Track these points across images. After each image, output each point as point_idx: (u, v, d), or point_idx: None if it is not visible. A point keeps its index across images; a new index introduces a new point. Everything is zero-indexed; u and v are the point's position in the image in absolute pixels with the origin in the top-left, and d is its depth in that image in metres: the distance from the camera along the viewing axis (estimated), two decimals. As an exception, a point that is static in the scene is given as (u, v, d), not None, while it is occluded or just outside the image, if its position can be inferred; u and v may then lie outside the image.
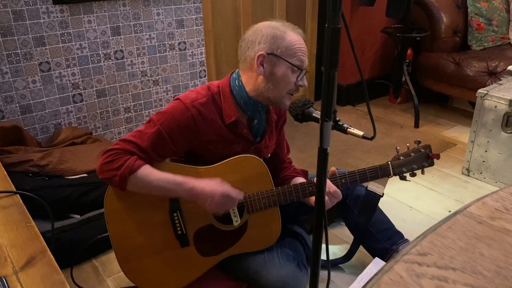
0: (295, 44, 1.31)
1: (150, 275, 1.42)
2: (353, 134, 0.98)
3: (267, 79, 1.32)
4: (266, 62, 1.31)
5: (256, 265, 1.46)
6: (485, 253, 0.67)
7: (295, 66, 1.31)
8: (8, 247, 0.91)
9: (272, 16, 3.05)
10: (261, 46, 1.30)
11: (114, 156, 1.28)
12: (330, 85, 0.81)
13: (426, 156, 1.45)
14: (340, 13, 0.76)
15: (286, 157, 1.67)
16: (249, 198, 1.39)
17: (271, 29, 1.30)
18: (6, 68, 2.01)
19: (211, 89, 1.37)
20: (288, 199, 1.40)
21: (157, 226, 1.39)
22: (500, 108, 2.20)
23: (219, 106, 1.36)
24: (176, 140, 1.32)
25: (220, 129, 1.36)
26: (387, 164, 1.44)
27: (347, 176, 1.42)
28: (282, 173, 1.63)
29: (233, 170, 1.38)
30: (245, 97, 1.36)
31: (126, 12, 2.27)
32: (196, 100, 1.32)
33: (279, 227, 1.46)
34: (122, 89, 2.40)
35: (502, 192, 0.83)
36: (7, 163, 1.79)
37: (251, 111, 1.40)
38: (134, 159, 1.28)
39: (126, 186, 1.29)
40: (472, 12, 3.21)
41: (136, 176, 1.27)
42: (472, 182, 2.36)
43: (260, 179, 1.39)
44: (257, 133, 1.46)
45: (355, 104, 3.47)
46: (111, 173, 1.27)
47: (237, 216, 1.41)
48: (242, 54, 1.35)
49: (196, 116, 1.31)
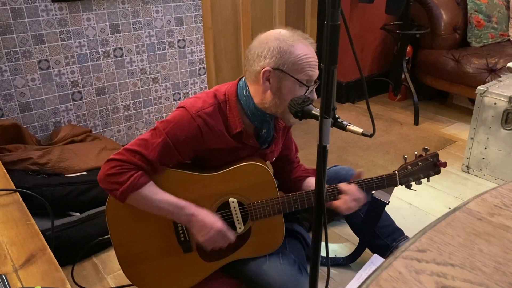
0: (303, 59, 1.25)
1: (152, 279, 1.42)
2: (352, 131, 0.97)
3: (274, 94, 1.28)
4: (272, 78, 1.26)
5: (257, 268, 1.45)
6: (484, 249, 0.67)
7: (302, 83, 1.26)
8: (8, 245, 0.91)
9: (271, 13, 3.04)
10: (267, 61, 1.24)
11: (119, 168, 1.24)
12: (329, 82, 0.81)
13: (433, 165, 1.43)
14: (339, 10, 0.76)
15: (295, 157, 1.65)
16: (254, 205, 1.38)
17: (278, 42, 1.24)
18: (5, 66, 2.00)
19: (218, 97, 1.33)
20: (292, 208, 1.39)
21: (160, 232, 1.38)
22: (500, 105, 2.19)
23: (225, 115, 1.32)
24: (182, 150, 1.29)
25: (225, 138, 1.33)
26: (394, 174, 1.42)
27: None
28: (293, 174, 1.61)
29: (238, 177, 1.36)
30: (252, 108, 1.33)
31: (125, 10, 2.26)
32: (202, 110, 1.28)
33: (282, 234, 1.45)
34: (121, 87, 2.40)
35: (501, 189, 0.83)
36: (6, 161, 1.79)
37: (259, 122, 1.37)
38: (139, 176, 1.25)
39: (126, 200, 1.26)
40: (472, 9, 3.21)
41: (139, 193, 1.25)
42: (471, 179, 2.36)
43: (265, 186, 1.37)
44: (265, 141, 1.44)
45: (354, 101, 3.47)
46: (114, 186, 1.25)
47: (241, 223, 1.40)
48: (249, 66, 1.31)
49: (202, 126, 1.28)
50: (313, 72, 1.28)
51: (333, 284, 1.64)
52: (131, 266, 1.40)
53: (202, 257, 1.42)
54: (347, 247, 1.83)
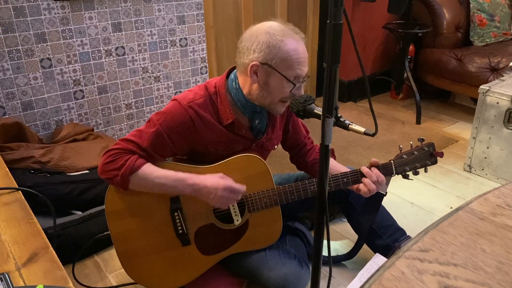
0: (292, 56, 1.24)
1: (151, 274, 1.43)
2: (354, 130, 0.97)
3: (261, 87, 1.30)
4: (260, 72, 1.27)
5: (258, 263, 1.46)
6: (486, 249, 0.67)
7: (289, 80, 1.27)
8: (11, 243, 0.91)
9: (273, 12, 3.04)
10: (256, 55, 1.26)
11: (115, 156, 1.28)
12: (331, 81, 0.81)
13: (430, 155, 1.43)
14: (342, 9, 0.75)
15: (306, 139, 1.63)
16: (250, 197, 1.38)
17: (268, 37, 1.24)
18: (8, 65, 2.01)
19: (208, 89, 1.35)
20: (289, 199, 1.39)
21: (158, 226, 1.39)
22: (502, 104, 2.19)
23: (216, 107, 1.35)
24: (175, 140, 1.32)
25: (218, 130, 1.35)
26: (389, 163, 1.43)
27: (349, 175, 1.41)
28: (308, 157, 1.59)
29: (234, 169, 1.37)
30: (242, 100, 1.35)
31: (127, 9, 2.26)
32: (193, 101, 1.31)
33: (280, 226, 1.46)
34: (123, 85, 2.40)
35: (504, 189, 0.83)
36: (9, 160, 1.79)
37: (250, 113, 1.39)
38: (135, 158, 1.28)
39: (128, 185, 1.29)
40: (474, 7, 3.20)
41: (138, 175, 1.27)
42: (473, 179, 2.36)
43: (261, 178, 1.39)
44: (259, 132, 1.45)
45: (356, 100, 3.46)
46: (113, 173, 1.27)
47: (238, 215, 1.40)
48: (239, 57, 1.33)
49: (194, 117, 1.31)
50: (301, 70, 1.28)
51: (335, 283, 1.64)
52: (131, 260, 1.40)
53: (200, 251, 1.43)
54: (347, 245, 1.83)
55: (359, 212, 1.61)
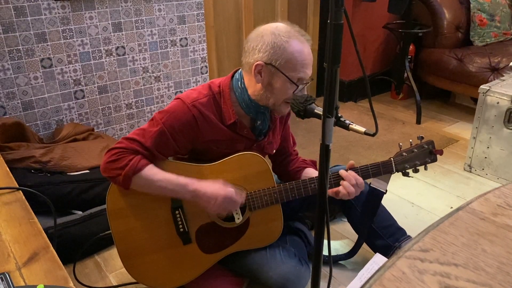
0: (297, 57, 1.25)
1: (152, 272, 1.43)
2: (355, 130, 0.97)
3: (265, 88, 1.31)
4: (264, 72, 1.28)
5: (258, 262, 1.46)
6: (487, 249, 0.67)
7: (293, 82, 1.28)
8: (11, 243, 0.91)
9: (273, 12, 3.04)
10: (260, 55, 1.26)
11: (119, 155, 1.28)
12: (332, 81, 0.81)
13: (429, 152, 1.43)
14: (342, 9, 0.75)
15: (292, 149, 1.66)
16: (251, 195, 1.39)
17: (273, 37, 1.25)
18: (8, 65, 2.01)
19: (212, 89, 1.36)
20: (290, 196, 1.40)
21: (159, 224, 1.39)
22: (503, 104, 2.19)
23: (219, 106, 1.35)
24: (178, 139, 1.32)
25: (220, 129, 1.35)
26: (389, 161, 1.43)
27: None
28: (290, 166, 1.62)
29: (235, 167, 1.37)
30: (247, 99, 1.35)
31: (127, 8, 2.26)
32: (197, 100, 1.32)
33: (281, 224, 1.46)
34: (123, 85, 2.40)
35: (504, 189, 0.83)
36: (9, 159, 1.79)
37: (254, 113, 1.39)
38: (139, 159, 1.27)
39: (130, 185, 1.29)
40: (475, 7, 3.19)
41: (140, 176, 1.27)
42: (474, 179, 2.36)
43: (262, 176, 1.39)
44: (261, 133, 1.46)
45: (357, 100, 3.46)
46: (115, 172, 1.28)
47: (239, 214, 1.41)
48: (244, 57, 1.33)
49: (198, 116, 1.31)
50: (305, 73, 1.28)
51: (335, 283, 1.64)
52: (132, 259, 1.40)
53: (201, 249, 1.43)
54: (347, 245, 1.83)
55: (359, 212, 1.61)
